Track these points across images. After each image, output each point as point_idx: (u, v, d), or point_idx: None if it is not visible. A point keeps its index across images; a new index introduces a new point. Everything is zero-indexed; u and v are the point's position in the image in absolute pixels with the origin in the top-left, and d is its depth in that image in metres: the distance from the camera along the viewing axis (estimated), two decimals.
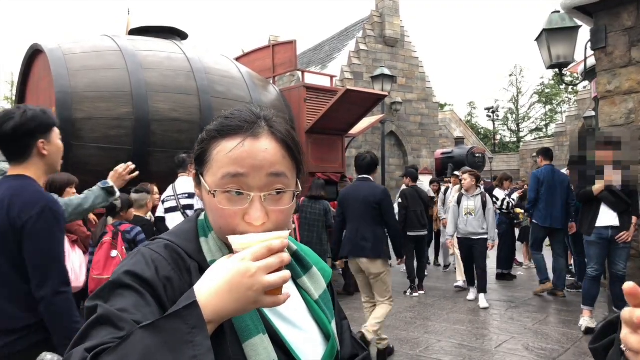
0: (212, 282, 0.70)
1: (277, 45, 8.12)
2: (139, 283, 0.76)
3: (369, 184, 4.51)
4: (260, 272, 0.69)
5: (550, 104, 37.62)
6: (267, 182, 0.82)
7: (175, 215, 4.47)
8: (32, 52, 5.86)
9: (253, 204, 0.81)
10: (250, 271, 0.69)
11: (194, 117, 5.67)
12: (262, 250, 0.71)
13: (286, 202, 0.85)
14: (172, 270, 0.80)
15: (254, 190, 0.82)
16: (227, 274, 0.70)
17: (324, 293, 0.97)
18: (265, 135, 0.84)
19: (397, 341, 4.99)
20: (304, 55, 22.88)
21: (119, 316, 0.70)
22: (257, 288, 0.69)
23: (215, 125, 0.87)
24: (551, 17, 6.08)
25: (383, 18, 19.05)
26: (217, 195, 0.82)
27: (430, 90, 20.20)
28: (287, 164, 0.86)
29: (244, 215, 0.81)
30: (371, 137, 17.66)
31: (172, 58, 5.92)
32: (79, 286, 3.93)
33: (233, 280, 0.69)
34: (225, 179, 0.81)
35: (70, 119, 5.09)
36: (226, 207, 0.82)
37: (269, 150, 0.83)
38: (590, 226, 5.00)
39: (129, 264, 0.80)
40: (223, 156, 0.83)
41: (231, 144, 0.83)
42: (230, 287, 0.69)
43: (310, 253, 1.05)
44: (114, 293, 0.75)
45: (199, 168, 0.88)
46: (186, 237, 0.89)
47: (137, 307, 0.73)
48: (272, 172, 0.83)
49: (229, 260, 0.72)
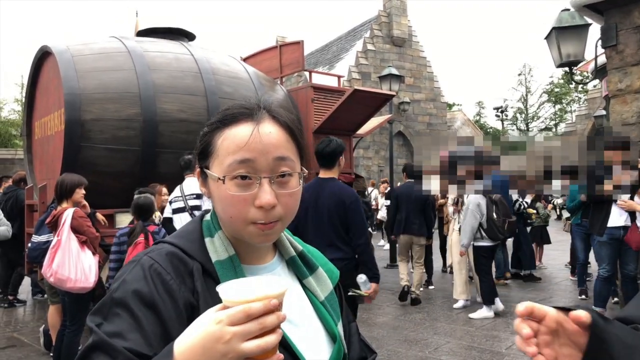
0: (189, 341, 0.67)
1: (284, 46, 8.11)
2: (137, 302, 0.76)
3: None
4: (236, 338, 0.64)
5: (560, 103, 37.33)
6: (273, 166, 0.83)
7: (183, 215, 4.48)
8: (41, 54, 5.90)
9: (262, 188, 0.82)
10: (224, 337, 0.64)
11: (202, 118, 5.67)
12: (239, 314, 0.64)
13: (293, 185, 0.86)
14: (171, 280, 0.80)
15: (262, 174, 0.82)
16: (202, 336, 0.66)
17: (330, 294, 0.97)
18: (267, 120, 0.85)
19: (406, 342, 4.96)
20: (311, 56, 22.89)
21: (113, 346, 0.72)
22: (231, 356, 0.65)
23: (217, 117, 0.88)
24: (561, 15, 6.02)
25: (390, 18, 19.01)
26: (226, 181, 0.82)
27: (439, 90, 20.13)
28: (291, 147, 0.87)
29: (254, 200, 0.82)
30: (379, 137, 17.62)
31: (179, 59, 5.93)
32: (89, 286, 3.95)
33: (206, 344, 0.65)
34: (233, 165, 0.82)
35: (79, 120, 5.12)
36: (236, 193, 0.82)
37: (272, 133, 0.84)
38: (602, 227, 4.94)
39: (129, 278, 0.80)
40: (228, 143, 0.83)
41: (235, 130, 0.84)
42: (204, 351, 0.65)
43: (317, 254, 1.04)
44: (112, 312, 0.76)
45: (204, 162, 0.88)
46: (190, 237, 0.88)
47: (131, 330, 0.74)
48: (277, 155, 0.83)
49: (207, 320, 0.67)
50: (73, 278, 3.86)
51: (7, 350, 5.01)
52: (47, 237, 4.37)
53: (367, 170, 18.20)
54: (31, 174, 6.46)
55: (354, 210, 3.39)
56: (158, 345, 0.73)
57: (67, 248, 3.91)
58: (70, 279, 3.86)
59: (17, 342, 5.28)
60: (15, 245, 6.41)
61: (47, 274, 3.91)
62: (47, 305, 4.94)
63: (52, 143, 5.65)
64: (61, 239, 3.93)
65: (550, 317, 0.68)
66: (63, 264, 3.87)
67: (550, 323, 0.68)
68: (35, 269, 5.25)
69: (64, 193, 4.11)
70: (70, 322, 4.08)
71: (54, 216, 4.08)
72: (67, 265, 3.87)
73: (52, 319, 4.55)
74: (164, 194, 5.00)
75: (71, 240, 3.94)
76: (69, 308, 4.09)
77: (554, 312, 0.69)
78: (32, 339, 5.29)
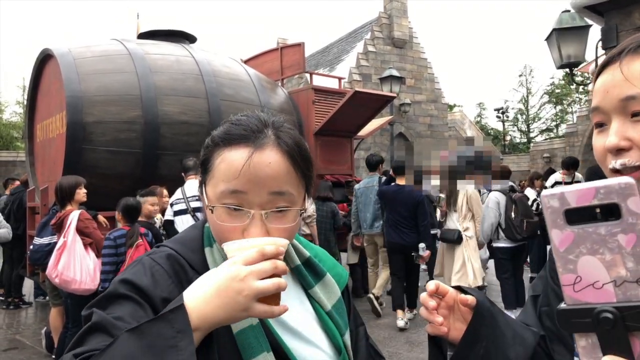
0: (202, 288, 0.68)
1: (285, 48, 8.13)
2: (136, 292, 0.75)
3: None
4: (251, 276, 0.66)
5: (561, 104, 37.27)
6: (268, 200, 0.78)
7: (185, 217, 4.49)
8: (42, 56, 5.92)
9: (253, 221, 0.77)
10: (239, 275, 0.66)
11: (203, 120, 5.69)
12: (254, 254, 0.67)
13: (290, 220, 0.80)
14: (172, 284, 0.78)
15: (255, 207, 0.77)
16: (217, 278, 0.67)
17: (337, 302, 0.93)
18: (270, 147, 0.79)
19: (408, 344, 4.96)
20: (312, 58, 22.91)
21: (113, 323, 0.69)
22: (246, 293, 0.65)
23: (220, 132, 0.83)
24: (561, 16, 6.03)
25: (391, 19, 19.03)
26: (215, 210, 0.78)
27: (439, 91, 20.13)
28: (292, 179, 0.80)
29: (243, 231, 0.77)
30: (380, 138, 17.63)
31: (181, 61, 5.95)
32: (93, 288, 3.96)
33: (221, 285, 0.66)
34: (225, 194, 0.78)
35: (80, 123, 5.13)
36: (225, 222, 0.78)
37: (272, 165, 0.78)
38: None
39: (130, 275, 0.78)
40: (224, 168, 0.78)
41: (233, 155, 0.78)
42: (219, 292, 0.66)
43: (326, 258, 1.00)
44: (111, 302, 0.74)
45: (203, 176, 0.85)
46: (191, 246, 0.86)
47: (133, 316, 0.71)
48: (274, 190, 0.78)
49: (220, 267, 0.69)
50: (78, 279, 3.87)
51: (9, 353, 5.02)
52: (49, 239, 4.38)
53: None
54: (33, 177, 6.48)
55: (422, 203, 5.32)
56: None
57: (73, 249, 3.92)
58: (75, 280, 3.87)
59: (19, 344, 5.29)
60: (21, 247, 6.44)
61: (53, 275, 3.92)
62: (49, 308, 4.95)
63: (53, 145, 5.67)
64: (67, 241, 3.94)
65: (450, 295, 0.82)
66: (68, 265, 3.88)
67: (449, 300, 0.82)
68: (37, 271, 5.26)
69: (64, 196, 4.12)
70: (72, 325, 4.09)
71: (59, 218, 4.09)
72: (73, 267, 3.88)
73: (54, 322, 4.56)
74: (165, 196, 5.01)
75: (76, 242, 3.96)
76: (72, 310, 4.10)
77: (452, 292, 0.82)
78: (34, 341, 5.29)
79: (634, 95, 0.67)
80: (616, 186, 0.52)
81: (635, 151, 0.68)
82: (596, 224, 0.53)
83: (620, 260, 0.53)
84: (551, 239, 0.56)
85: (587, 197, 0.53)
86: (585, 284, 0.54)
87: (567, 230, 0.55)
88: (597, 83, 0.74)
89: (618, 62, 0.70)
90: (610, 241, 0.53)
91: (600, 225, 0.53)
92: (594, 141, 0.75)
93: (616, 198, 0.52)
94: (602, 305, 0.53)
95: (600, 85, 0.73)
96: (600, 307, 0.53)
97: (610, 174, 0.71)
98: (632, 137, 0.68)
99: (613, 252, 0.53)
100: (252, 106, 5.88)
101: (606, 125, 0.72)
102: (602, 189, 0.53)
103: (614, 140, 0.69)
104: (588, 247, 0.54)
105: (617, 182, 0.52)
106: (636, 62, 0.69)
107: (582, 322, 0.54)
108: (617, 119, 0.70)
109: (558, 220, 0.55)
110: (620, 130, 0.69)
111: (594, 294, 0.54)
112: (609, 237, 0.53)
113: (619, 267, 0.53)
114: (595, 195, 0.53)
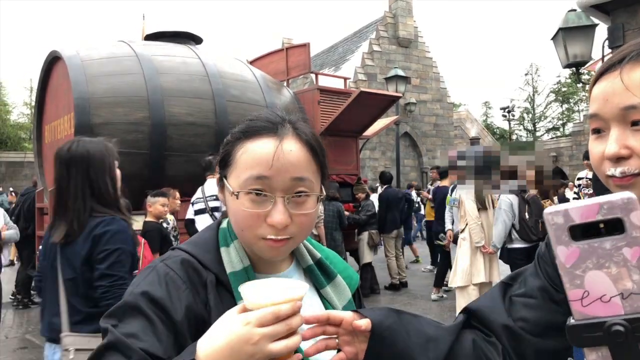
0: (214, 341, 0.68)
1: (290, 48, 8.14)
2: (151, 306, 0.77)
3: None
4: (264, 340, 0.66)
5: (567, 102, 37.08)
6: (290, 185, 0.81)
7: (204, 217, 4.54)
8: (50, 58, 5.97)
9: (276, 206, 0.80)
10: (253, 338, 0.65)
11: (210, 121, 5.72)
12: (268, 316, 0.66)
13: (310, 206, 0.84)
14: (186, 289, 0.80)
15: (277, 193, 0.81)
16: (230, 337, 0.67)
17: (348, 304, 0.95)
18: (290, 137, 0.83)
19: None
20: (317, 58, 22.92)
21: (128, 345, 0.72)
22: (259, 357, 0.66)
23: (241, 128, 0.87)
24: (567, 15, 6.01)
25: (396, 19, 19.01)
26: (240, 196, 0.81)
27: (445, 91, 20.09)
28: (311, 167, 0.85)
29: (267, 217, 0.81)
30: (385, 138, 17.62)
31: (187, 63, 5.98)
32: None
33: (234, 346, 0.66)
34: (249, 181, 0.81)
35: (88, 124, 5.17)
36: (249, 208, 0.81)
37: (293, 152, 0.82)
38: None
39: (144, 282, 0.81)
40: (247, 158, 0.82)
41: (257, 144, 0.82)
42: (232, 352, 0.66)
43: (337, 260, 1.02)
44: (127, 315, 0.77)
45: (223, 171, 0.88)
46: (205, 247, 0.88)
47: (146, 333, 0.74)
48: (296, 175, 0.82)
49: (233, 321, 0.68)
50: None
51: (19, 352, 5.07)
52: None
53: (373, 171, 18.18)
54: (41, 178, 6.53)
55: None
56: (171, 351, 0.74)
57: None
58: None
59: (29, 343, 5.34)
60: (31, 247, 6.50)
61: None
62: None
63: None
64: None
65: (346, 321, 0.79)
66: None
67: (346, 326, 0.79)
68: None
69: None
70: None
71: None
72: None
73: None
74: (177, 198, 5.06)
75: None
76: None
77: (349, 316, 0.79)
78: (44, 341, 5.33)
79: (635, 105, 0.68)
80: (619, 201, 0.53)
81: (635, 159, 0.68)
82: (601, 239, 0.54)
83: (627, 273, 0.53)
84: (557, 255, 0.56)
85: (591, 213, 0.54)
86: (593, 298, 0.55)
87: (572, 246, 0.55)
88: (595, 90, 0.74)
89: (618, 70, 0.70)
90: (616, 255, 0.54)
91: (605, 240, 0.54)
92: (590, 147, 0.75)
93: (619, 213, 0.53)
94: (611, 318, 0.54)
95: (599, 92, 0.73)
96: (611, 320, 0.54)
97: (606, 180, 0.72)
98: (632, 145, 0.69)
99: (619, 265, 0.54)
100: (258, 107, 5.90)
101: (604, 131, 0.73)
102: (606, 204, 0.54)
103: (614, 149, 0.69)
104: (594, 262, 0.55)
105: (619, 198, 0.53)
106: (636, 70, 0.69)
107: (593, 336, 0.55)
108: (617, 127, 0.70)
109: (563, 237, 0.56)
110: (620, 138, 0.69)
111: (602, 307, 0.55)
112: (614, 251, 0.54)
113: (625, 280, 0.54)
114: (599, 211, 0.54)
